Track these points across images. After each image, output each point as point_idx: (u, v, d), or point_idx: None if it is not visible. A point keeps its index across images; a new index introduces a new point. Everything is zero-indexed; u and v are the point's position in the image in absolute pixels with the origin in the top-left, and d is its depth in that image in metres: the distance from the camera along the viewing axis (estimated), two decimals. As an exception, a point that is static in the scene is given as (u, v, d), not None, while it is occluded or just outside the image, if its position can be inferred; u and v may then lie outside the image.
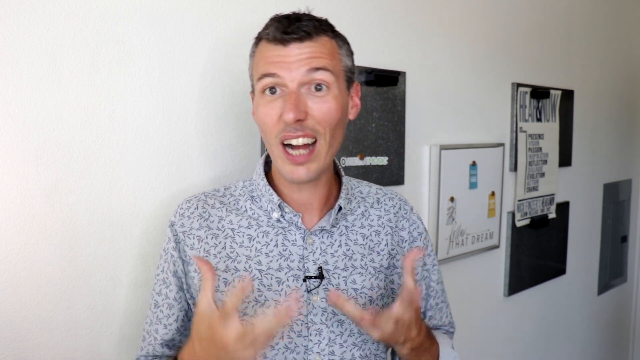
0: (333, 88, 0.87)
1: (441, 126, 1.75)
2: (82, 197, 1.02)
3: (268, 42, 0.86)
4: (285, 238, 0.93)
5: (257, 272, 0.91)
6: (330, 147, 0.88)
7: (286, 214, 0.93)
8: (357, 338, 0.93)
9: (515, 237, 2.05)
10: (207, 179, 1.20)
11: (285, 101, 0.84)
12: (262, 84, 0.86)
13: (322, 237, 0.94)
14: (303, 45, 0.84)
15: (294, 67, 0.84)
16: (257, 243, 0.93)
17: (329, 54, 0.87)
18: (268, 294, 0.90)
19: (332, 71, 0.86)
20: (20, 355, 0.97)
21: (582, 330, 2.62)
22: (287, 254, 0.92)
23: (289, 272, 0.91)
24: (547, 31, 2.18)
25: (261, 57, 0.87)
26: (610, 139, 2.71)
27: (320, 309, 0.91)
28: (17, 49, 0.93)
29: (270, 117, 0.86)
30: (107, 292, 1.07)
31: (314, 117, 0.85)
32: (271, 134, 0.87)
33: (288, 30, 0.84)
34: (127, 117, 1.07)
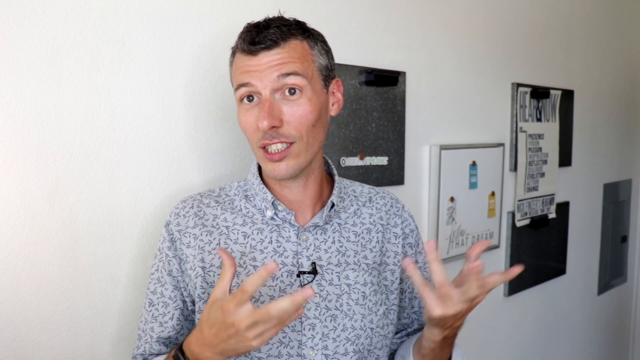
0: (306, 90, 0.88)
1: (441, 126, 1.75)
2: (82, 197, 1.02)
3: (240, 53, 0.90)
4: (280, 235, 0.95)
5: (251, 268, 0.93)
6: (310, 147, 0.91)
7: (279, 212, 0.95)
8: (350, 333, 0.94)
9: (515, 237, 2.05)
10: (207, 179, 1.20)
11: (259, 109, 0.87)
12: (239, 94, 0.90)
13: (315, 234, 0.96)
14: (271, 53, 0.87)
15: (265, 74, 0.87)
16: (251, 240, 0.94)
17: (299, 57, 0.88)
18: (262, 290, 0.92)
19: (303, 74, 0.88)
20: (20, 355, 0.97)
21: (582, 330, 2.62)
22: (282, 250, 0.94)
23: (283, 268, 0.93)
24: (547, 31, 2.18)
25: (236, 68, 0.91)
26: (610, 139, 2.71)
27: (313, 303, 0.93)
28: (17, 49, 0.93)
29: (249, 125, 0.90)
30: (107, 292, 1.07)
31: (289, 122, 0.88)
32: (252, 140, 0.91)
33: (255, 41, 0.87)
34: (127, 117, 1.07)
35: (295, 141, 0.89)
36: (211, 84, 1.18)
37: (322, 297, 0.93)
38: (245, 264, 0.93)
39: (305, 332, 0.92)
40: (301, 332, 0.92)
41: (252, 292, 0.74)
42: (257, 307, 0.75)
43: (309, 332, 0.92)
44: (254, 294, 0.75)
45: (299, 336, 0.92)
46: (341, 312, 0.94)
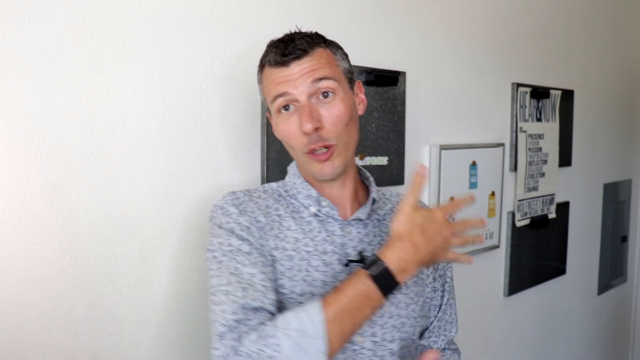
0: (338, 92, 0.95)
1: (441, 126, 1.75)
2: (82, 197, 1.02)
3: (271, 67, 0.96)
4: (326, 228, 1.00)
5: (305, 253, 0.96)
6: (348, 145, 0.97)
7: (323, 208, 1.00)
8: (396, 320, 0.98)
9: (515, 237, 2.05)
10: (207, 179, 1.20)
11: (300, 115, 0.93)
12: (276, 105, 0.96)
13: (358, 228, 1.01)
14: (302, 62, 0.93)
15: (299, 82, 0.93)
16: (302, 228, 0.99)
17: (327, 62, 0.96)
18: (316, 275, 0.95)
19: (333, 78, 0.95)
20: (20, 355, 0.97)
21: (582, 330, 2.62)
22: (331, 240, 0.99)
23: (333, 256, 0.97)
24: (547, 31, 2.18)
25: (269, 82, 0.96)
26: (610, 139, 2.71)
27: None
28: (17, 49, 0.93)
29: (292, 132, 0.95)
30: (107, 292, 1.07)
31: (327, 123, 0.94)
32: (295, 147, 0.96)
33: (286, 52, 0.93)
34: (127, 117, 1.07)
35: (334, 143, 0.95)
36: (211, 84, 1.18)
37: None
38: (298, 249, 0.96)
39: None
40: None
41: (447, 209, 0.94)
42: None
43: None
44: (450, 212, 0.94)
45: None
46: (387, 300, 0.95)
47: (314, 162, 0.96)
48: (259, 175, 1.28)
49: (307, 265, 0.95)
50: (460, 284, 1.81)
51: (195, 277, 1.19)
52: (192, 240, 1.18)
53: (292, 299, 0.93)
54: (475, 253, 1.88)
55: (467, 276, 1.88)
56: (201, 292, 1.21)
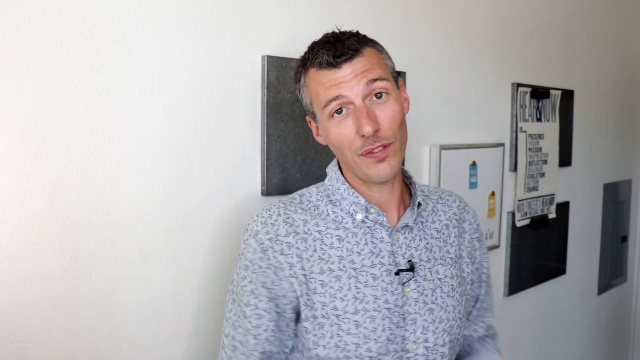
0: (391, 92, 0.93)
1: (441, 126, 1.74)
2: (82, 197, 1.02)
3: (320, 69, 0.92)
4: (373, 236, 0.98)
5: (351, 270, 0.95)
6: (402, 145, 0.96)
7: (370, 215, 0.98)
8: (445, 324, 0.99)
9: (515, 237, 2.05)
10: (207, 179, 1.20)
11: (357, 117, 0.90)
12: (328, 110, 0.92)
13: (404, 233, 1.00)
14: (354, 62, 0.90)
15: (354, 83, 0.90)
16: (347, 243, 0.96)
17: (377, 62, 0.93)
18: (366, 290, 0.94)
19: (386, 78, 0.93)
20: (20, 355, 0.97)
21: (582, 330, 2.62)
22: (377, 250, 0.97)
23: (381, 268, 0.96)
24: (547, 31, 2.18)
25: (318, 85, 0.92)
26: (610, 139, 2.71)
27: (413, 299, 0.97)
28: (17, 49, 0.93)
29: (345, 136, 0.92)
30: (107, 292, 1.07)
31: (384, 124, 0.91)
32: (349, 151, 0.93)
33: (337, 54, 0.90)
34: (127, 117, 1.07)
35: (393, 141, 0.92)
36: (211, 84, 1.18)
37: (419, 292, 0.97)
38: (345, 267, 0.95)
39: (407, 327, 0.96)
40: (404, 328, 0.95)
41: None
42: None
43: (411, 327, 0.96)
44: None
45: (402, 332, 0.95)
46: (437, 305, 0.98)
47: (371, 162, 0.92)
48: (259, 175, 1.28)
49: (355, 282, 0.94)
50: (460, 284, 1.82)
51: (195, 277, 1.19)
52: (192, 241, 1.18)
53: (347, 318, 0.93)
54: (475, 253, 1.88)
55: (467, 276, 1.88)
56: (201, 292, 1.21)
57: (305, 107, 1.00)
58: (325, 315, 0.93)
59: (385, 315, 0.94)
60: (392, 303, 0.95)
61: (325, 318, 0.93)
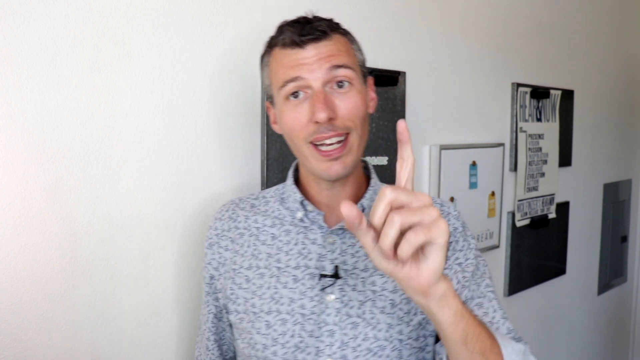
0: (355, 83, 0.87)
1: (441, 126, 1.74)
2: (82, 197, 1.02)
3: (283, 48, 0.86)
4: (306, 237, 0.93)
5: (275, 269, 0.93)
6: (361, 141, 0.88)
7: (309, 213, 0.93)
8: (372, 343, 0.87)
9: (515, 237, 2.05)
10: (207, 179, 1.20)
11: (313, 102, 0.83)
12: (285, 91, 0.86)
13: (343, 238, 0.92)
14: (320, 45, 0.85)
15: (316, 67, 0.83)
16: (278, 242, 0.94)
17: (345, 50, 0.87)
18: (283, 292, 0.91)
19: (352, 67, 0.86)
20: (20, 355, 0.97)
21: (582, 330, 2.62)
22: (306, 252, 0.92)
23: (305, 270, 0.91)
24: (547, 31, 2.18)
25: (279, 65, 0.87)
26: (610, 139, 2.71)
27: (334, 309, 0.88)
28: (17, 49, 0.93)
29: (298, 121, 0.85)
30: (107, 292, 1.07)
31: (342, 114, 0.84)
32: (299, 138, 0.86)
33: (303, 32, 0.85)
34: (127, 117, 1.07)
35: (351, 132, 0.85)
36: (211, 84, 1.18)
37: (343, 303, 0.88)
38: (270, 265, 0.93)
39: (323, 339, 0.87)
40: (319, 339, 0.87)
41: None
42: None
43: (327, 338, 0.87)
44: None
45: (317, 342, 0.87)
46: (363, 320, 0.88)
47: (322, 160, 0.85)
48: (258, 175, 1.28)
49: (276, 282, 0.91)
50: (460, 284, 1.82)
51: (195, 277, 1.19)
52: (192, 240, 1.18)
53: (260, 317, 0.90)
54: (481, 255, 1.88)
55: (467, 276, 1.88)
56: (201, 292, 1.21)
57: (265, 90, 0.93)
58: (245, 311, 0.92)
59: (298, 321, 0.88)
60: (308, 309, 0.88)
61: (245, 314, 0.92)
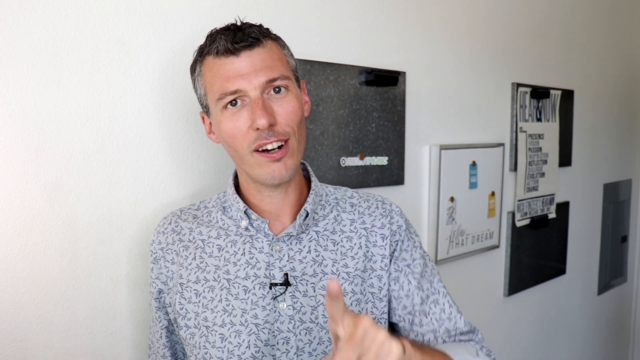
0: (291, 88, 0.88)
1: (441, 126, 1.75)
2: (82, 197, 1.02)
3: (217, 57, 0.86)
4: (253, 246, 0.93)
5: (225, 281, 0.92)
6: (300, 145, 0.89)
7: (254, 221, 0.93)
8: (327, 346, 0.89)
9: (515, 237, 2.05)
10: (207, 179, 1.20)
11: (252, 109, 0.84)
12: (222, 102, 0.86)
13: (290, 244, 0.92)
14: (254, 53, 0.85)
15: (252, 76, 0.84)
16: (225, 253, 0.93)
17: (279, 58, 0.88)
18: (235, 303, 0.90)
19: (287, 76, 0.87)
20: (20, 355, 0.97)
21: (582, 330, 2.62)
22: (254, 261, 0.92)
23: (255, 280, 0.91)
24: (547, 31, 2.18)
25: (214, 75, 0.86)
26: (610, 139, 2.71)
27: (287, 316, 0.89)
28: (17, 49, 0.93)
29: (239, 129, 0.86)
30: (107, 292, 1.07)
31: (281, 119, 0.86)
32: (242, 146, 0.87)
33: (236, 39, 0.84)
34: (127, 117, 1.07)
35: (290, 137, 0.87)
36: (211, 84, 1.18)
37: (295, 310, 0.90)
38: (219, 277, 0.92)
39: (279, 347, 0.89)
40: (275, 347, 0.89)
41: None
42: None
43: (283, 346, 0.89)
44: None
45: (273, 351, 0.89)
46: (317, 324, 0.90)
47: (265, 162, 0.86)
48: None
49: (227, 294, 0.91)
50: (460, 284, 1.82)
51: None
52: (192, 240, 1.18)
53: (214, 331, 0.90)
54: (475, 253, 1.88)
55: (467, 276, 1.89)
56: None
57: (199, 100, 0.93)
58: (197, 326, 0.91)
59: (252, 331, 0.88)
60: (261, 319, 0.89)
61: (196, 328, 0.91)
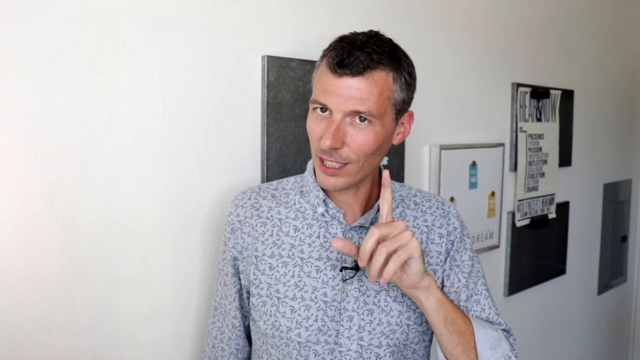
0: (375, 124, 0.91)
1: (441, 126, 1.74)
2: (82, 197, 1.02)
3: (326, 67, 0.91)
4: (327, 231, 1.01)
5: (299, 259, 1.00)
6: (362, 170, 0.94)
7: (330, 210, 1.01)
8: (385, 327, 0.98)
9: (515, 237, 2.05)
10: (207, 179, 1.20)
11: (327, 127, 0.90)
12: (313, 105, 0.94)
13: (360, 234, 1.01)
14: (354, 81, 0.88)
15: (341, 101, 0.89)
16: (301, 234, 1.01)
17: (379, 93, 0.89)
18: (307, 280, 0.98)
19: (376, 115, 0.90)
20: (20, 355, 0.97)
21: (582, 330, 2.62)
22: (328, 245, 1.00)
23: (327, 262, 0.99)
24: (547, 31, 2.18)
25: (319, 80, 0.93)
26: (610, 139, 2.71)
27: (353, 297, 0.98)
28: (17, 49, 0.93)
29: (315, 134, 0.94)
30: (107, 292, 1.07)
31: (350, 146, 0.91)
32: (313, 147, 0.96)
33: (344, 63, 0.88)
34: (127, 117, 1.07)
35: (351, 162, 0.92)
36: (211, 84, 1.18)
37: (361, 292, 0.99)
38: (293, 255, 1.00)
39: (343, 323, 0.97)
40: (339, 323, 0.97)
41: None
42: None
43: (346, 323, 0.97)
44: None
45: (337, 326, 0.97)
46: (378, 307, 0.99)
47: (321, 171, 0.94)
48: (258, 176, 1.28)
49: (299, 271, 0.99)
50: (460, 284, 1.82)
51: (195, 277, 1.19)
52: (192, 240, 1.18)
53: (285, 302, 0.98)
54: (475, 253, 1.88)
55: (467, 276, 1.88)
56: (201, 292, 1.21)
57: (312, 88, 0.99)
58: (269, 295, 1.00)
59: (320, 307, 0.97)
60: (330, 297, 0.98)
61: (268, 297, 1.00)
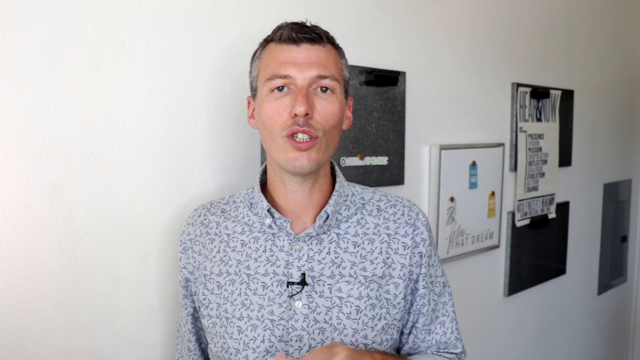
0: (337, 93, 0.92)
1: (441, 126, 1.75)
2: (82, 197, 1.02)
3: (279, 43, 0.91)
4: (274, 244, 0.95)
5: (245, 276, 0.95)
6: (328, 146, 0.92)
7: (277, 220, 0.95)
8: None
9: (515, 237, 2.05)
10: (207, 179, 1.20)
11: (295, 96, 0.88)
12: (271, 84, 0.90)
13: (310, 244, 0.94)
14: (314, 48, 0.90)
15: (306, 67, 0.88)
16: (248, 248, 0.97)
17: (334, 62, 0.92)
18: (253, 298, 0.93)
19: (337, 79, 0.91)
20: (20, 355, 0.97)
21: (582, 330, 2.62)
22: (274, 259, 0.95)
23: (274, 278, 0.94)
24: (547, 31, 2.18)
25: (271, 59, 0.91)
26: (610, 139, 2.71)
27: (302, 315, 0.92)
28: (17, 49, 0.93)
29: (278, 113, 0.89)
30: (107, 292, 1.07)
31: (318, 115, 0.89)
32: (276, 129, 0.90)
33: (301, 31, 0.90)
34: (127, 117, 1.07)
35: (320, 136, 0.89)
36: (211, 84, 1.18)
37: (310, 309, 0.92)
38: (240, 272, 0.96)
39: (292, 344, 0.91)
40: (288, 343, 0.91)
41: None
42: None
43: (295, 343, 0.91)
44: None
45: (286, 347, 0.91)
46: (330, 325, 0.92)
47: (291, 148, 0.88)
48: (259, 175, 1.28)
49: (246, 288, 0.94)
50: (460, 284, 1.82)
51: (195, 277, 1.19)
52: (192, 240, 1.18)
53: (233, 323, 0.94)
54: (475, 253, 1.88)
55: (467, 276, 1.89)
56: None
57: (250, 83, 0.97)
58: (218, 316, 0.96)
59: (268, 327, 0.91)
60: (277, 315, 0.92)
61: (217, 318, 0.96)
